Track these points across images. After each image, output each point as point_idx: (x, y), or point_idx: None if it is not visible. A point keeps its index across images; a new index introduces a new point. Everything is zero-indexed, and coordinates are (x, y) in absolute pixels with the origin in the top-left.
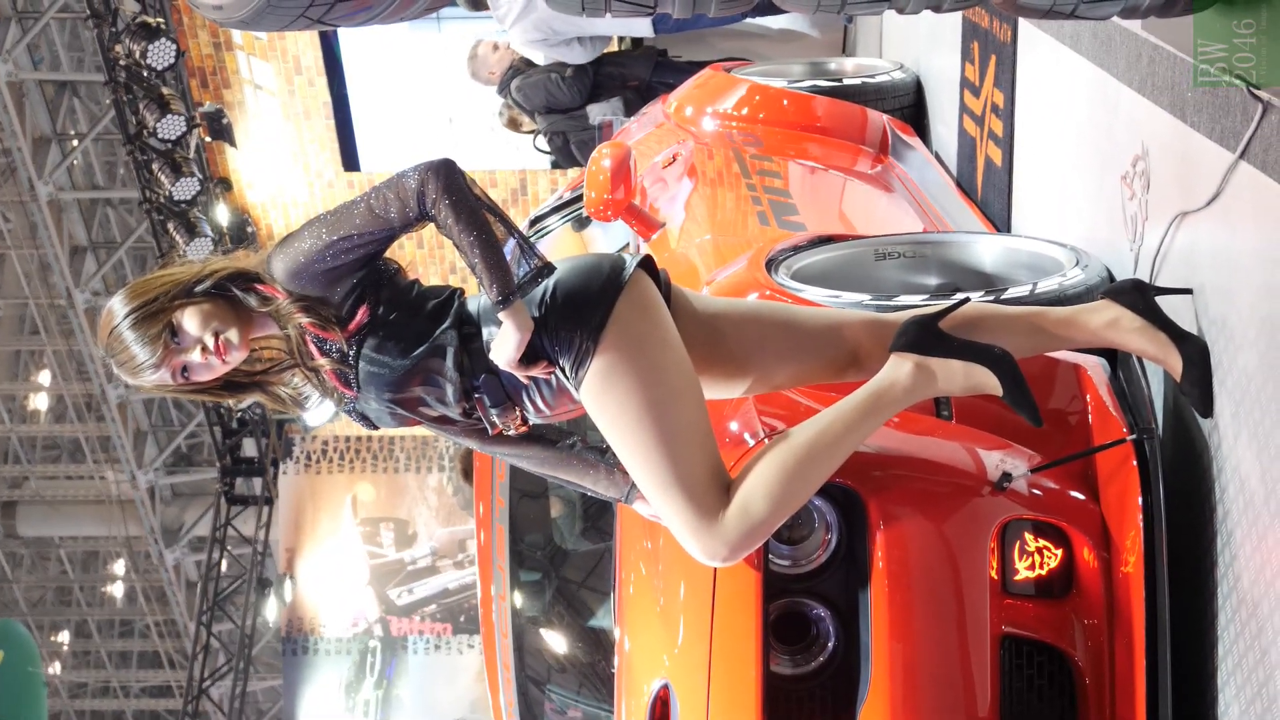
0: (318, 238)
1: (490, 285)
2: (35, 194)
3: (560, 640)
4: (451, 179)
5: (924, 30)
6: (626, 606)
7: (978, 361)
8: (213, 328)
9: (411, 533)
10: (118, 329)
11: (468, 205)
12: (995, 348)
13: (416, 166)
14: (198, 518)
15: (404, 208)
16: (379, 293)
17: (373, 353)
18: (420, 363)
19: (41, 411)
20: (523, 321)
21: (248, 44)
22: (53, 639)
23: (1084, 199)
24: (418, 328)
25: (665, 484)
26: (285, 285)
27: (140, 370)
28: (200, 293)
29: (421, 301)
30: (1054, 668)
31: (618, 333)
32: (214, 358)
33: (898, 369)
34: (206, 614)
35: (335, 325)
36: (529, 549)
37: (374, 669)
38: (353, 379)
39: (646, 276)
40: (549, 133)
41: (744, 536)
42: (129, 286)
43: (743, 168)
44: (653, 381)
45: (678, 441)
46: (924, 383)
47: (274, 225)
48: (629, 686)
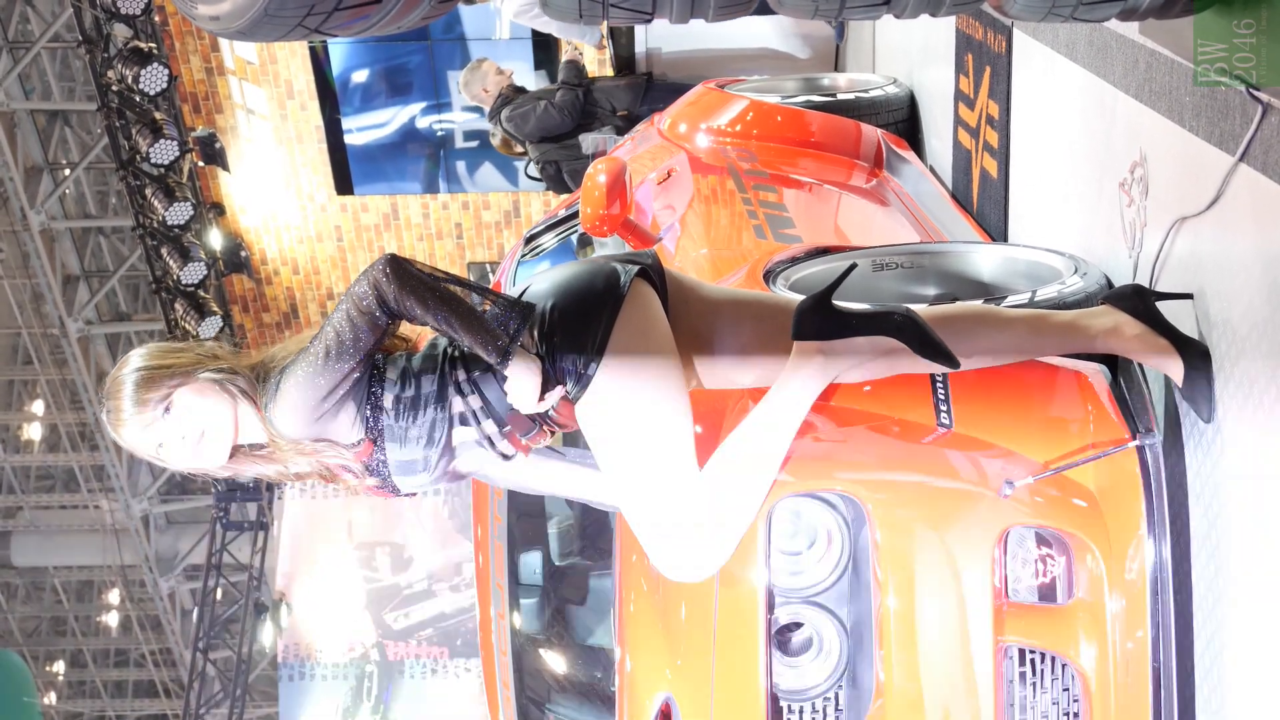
0: (310, 385)
1: (485, 352)
2: (28, 223)
3: (560, 659)
4: (400, 271)
5: (917, 44)
6: (627, 622)
7: (878, 332)
8: (202, 425)
9: (407, 556)
10: (123, 377)
11: (428, 287)
12: (893, 314)
13: (363, 274)
14: (192, 545)
15: (372, 322)
16: (380, 401)
17: (399, 459)
18: (447, 441)
19: (35, 441)
20: (529, 365)
21: (240, 69)
22: (48, 669)
23: (1082, 207)
24: (430, 416)
25: (643, 505)
26: (292, 436)
27: (123, 423)
28: (207, 379)
29: (418, 382)
30: (1057, 675)
31: (617, 356)
32: (189, 450)
33: (803, 356)
34: (202, 641)
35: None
36: (527, 567)
37: (371, 694)
38: (389, 486)
39: (644, 285)
40: (541, 162)
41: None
42: (156, 346)
43: (738, 183)
44: (647, 404)
45: (664, 462)
46: (832, 365)
47: (267, 249)
48: (631, 701)
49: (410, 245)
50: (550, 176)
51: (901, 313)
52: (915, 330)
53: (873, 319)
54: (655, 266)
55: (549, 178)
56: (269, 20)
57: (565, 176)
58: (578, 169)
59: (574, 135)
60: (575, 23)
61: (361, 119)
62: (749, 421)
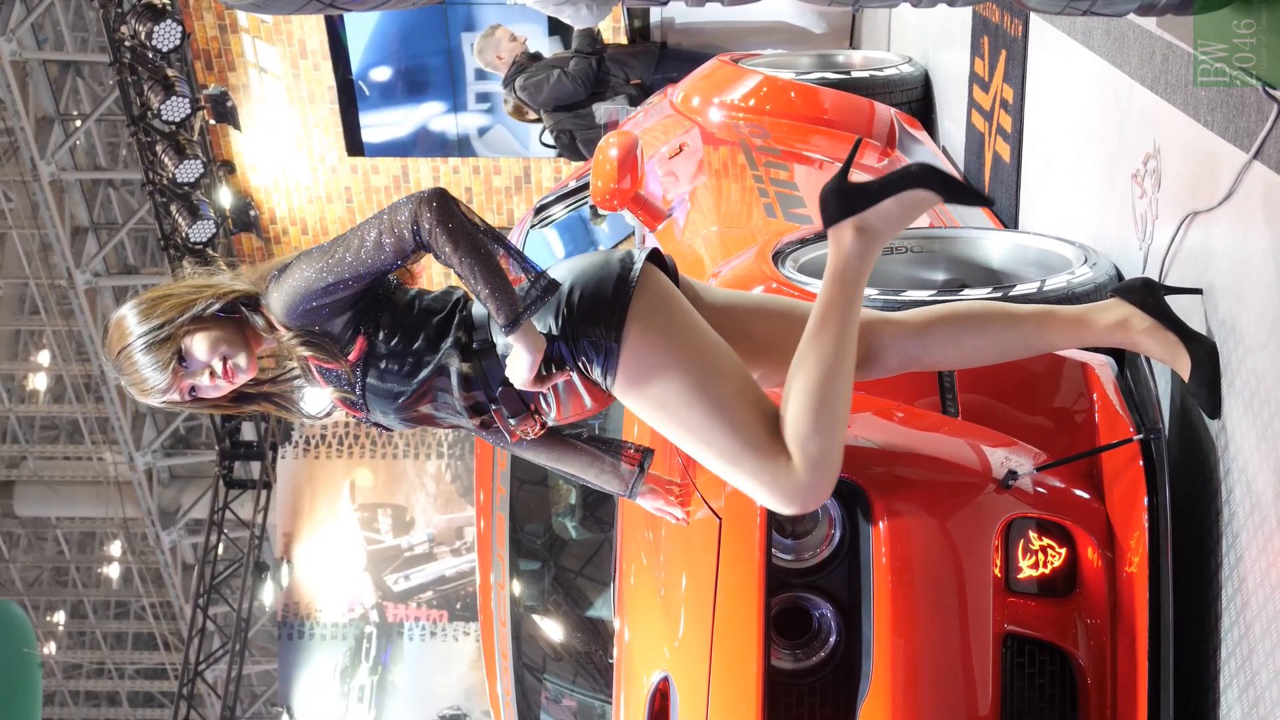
0: (314, 277)
1: (496, 310)
2: (37, 174)
3: (558, 629)
4: (446, 208)
5: (933, 24)
6: (627, 597)
7: (901, 189)
8: (221, 352)
9: (409, 519)
10: (129, 349)
11: (465, 232)
12: (909, 168)
13: (409, 198)
14: (195, 500)
15: (399, 242)
16: (378, 317)
17: (376, 380)
18: (425, 385)
19: (40, 391)
20: (533, 341)
21: (253, 27)
22: (48, 619)
23: (1094, 196)
24: (419, 351)
25: (731, 456)
26: (283, 321)
27: (149, 392)
28: (209, 316)
29: (423, 321)
30: (1056, 667)
31: (639, 329)
32: (222, 380)
33: (840, 241)
34: (203, 597)
35: (337, 356)
36: (529, 537)
37: (369, 655)
38: (360, 404)
39: (656, 269)
40: (555, 130)
41: (817, 474)
42: (140, 302)
43: (749, 159)
44: (686, 364)
45: (728, 412)
46: (870, 238)
47: (276, 209)
48: (628, 677)
49: None
50: (565, 145)
51: (916, 166)
52: (936, 176)
53: (891, 181)
54: (667, 256)
55: (564, 146)
56: None
57: (580, 146)
58: (591, 138)
59: (588, 104)
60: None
61: (377, 115)
62: (812, 327)
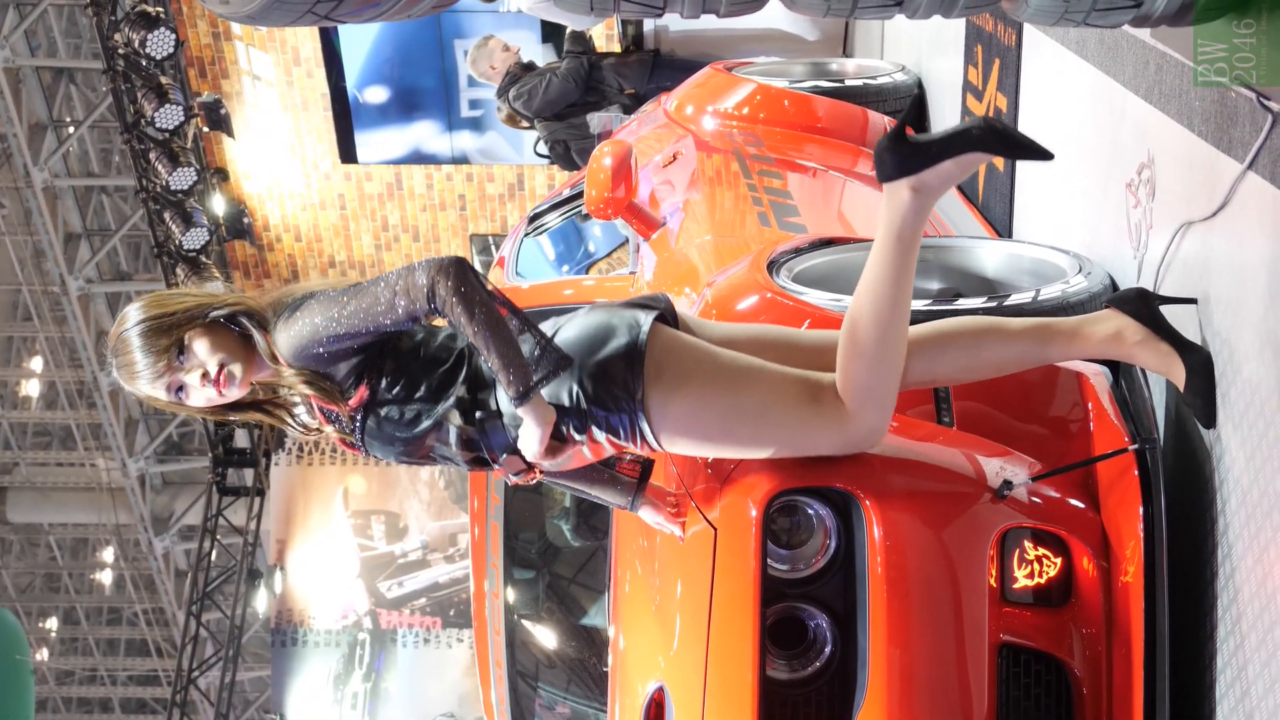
0: (322, 325)
1: (508, 382)
2: (30, 180)
3: (552, 637)
4: (463, 277)
5: (926, 33)
6: (622, 606)
7: (961, 151)
8: (219, 358)
9: (402, 526)
10: (128, 332)
11: (481, 302)
12: (970, 128)
13: (426, 263)
14: (188, 507)
15: (412, 305)
16: (381, 364)
17: (376, 426)
18: (424, 436)
19: (33, 398)
20: (542, 414)
21: (246, 35)
22: (41, 625)
23: (1088, 206)
24: (421, 400)
25: (795, 444)
26: (288, 359)
27: (137, 376)
28: (215, 319)
29: (427, 371)
30: (1051, 677)
31: (658, 390)
32: (212, 387)
33: (896, 198)
34: (196, 603)
35: (338, 400)
36: (523, 545)
37: (363, 661)
38: (359, 444)
39: (662, 327)
40: (550, 140)
41: (881, 413)
42: (150, 296)
43: (743, 168)
44: (711, 397)
45: (772, 413)
46: (927, 196)
47: (270, 216)
48: (623, 687)
49: (413, 216)
50: (559, 155)
51: (977, 124)
52: (996, 135)
53: (951, 140)
54: (669, 309)
55: (558, 156)
56: (279, 6)
57: (574, 155)
58: (585, 147)
59: (581, 114)
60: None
61: (372, 135)
62: (867, 286)
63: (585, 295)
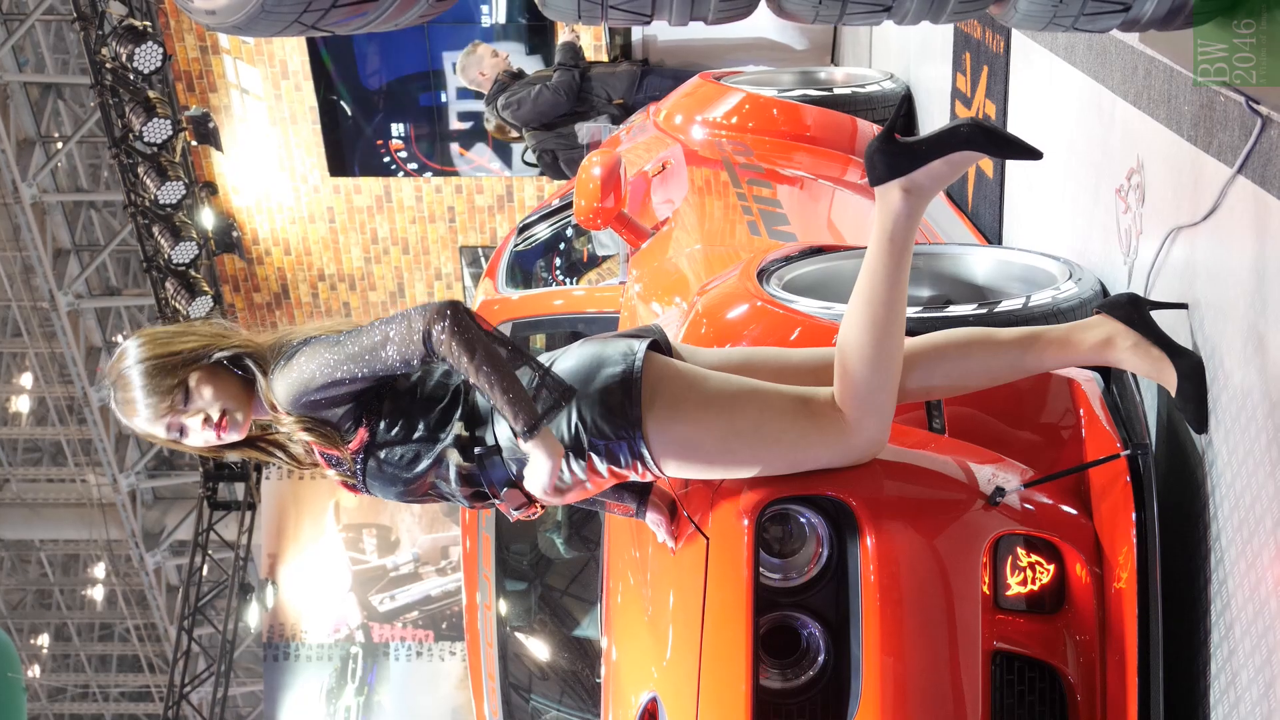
0: (318, 372)
1: (514, 418)
2: (19, 196)
3: (545, 649)
4: (459, 319)
5: (915, 40)
6: (614, 616)
7: (950, 150)
8: (223, 404)
9: (394, 539)
10: (129, 370)
11: (479, 342)
12: (957, 127)
13: (422, 309)
14: (179, 522)
15: (409, 350)
16: (380, 406)
17: (376, 468)
18: (425, 474)
19: (23, 414)
20: (551, 447)
21: (235, 48)
22: (32, 642)
23: (1077, 212)
24: (420, 440)
25: (795, 458)
26: (285, 407)
27: (138, 414)
28: (218, 361)
29: (425, 410)
30: (1045, 684)
31: (655, 419)
32: (213, 431)
33: (888, 201)
34: (188, 619)
35: (338, 444)
36: (515, 557)
37: (355, 675)
38: (360, 485)
39: (656, 355)
40: (538, 150)
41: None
42: (152, 333)
43: (732, 177)
44: (708, 420)
45: (768, 430)
46: (919, 197)
47: (259, 230)
48: (616, 698)
49: (403, 228)
50: (547, 164)
51: (965, 123)
52: (985, 134)
53: (940, 140)
54: (662, 338)
55: (546, 165)
56: (265, 16)
57: (562, 165)
58: (574, 157)
59: (570, 123)
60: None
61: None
62: (862, 291)
63: (576, 305)
